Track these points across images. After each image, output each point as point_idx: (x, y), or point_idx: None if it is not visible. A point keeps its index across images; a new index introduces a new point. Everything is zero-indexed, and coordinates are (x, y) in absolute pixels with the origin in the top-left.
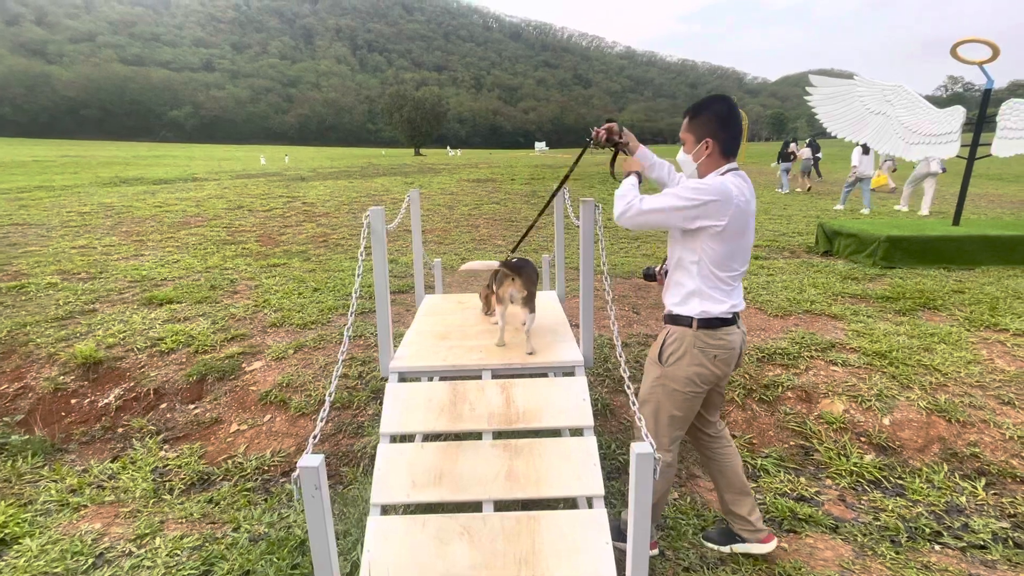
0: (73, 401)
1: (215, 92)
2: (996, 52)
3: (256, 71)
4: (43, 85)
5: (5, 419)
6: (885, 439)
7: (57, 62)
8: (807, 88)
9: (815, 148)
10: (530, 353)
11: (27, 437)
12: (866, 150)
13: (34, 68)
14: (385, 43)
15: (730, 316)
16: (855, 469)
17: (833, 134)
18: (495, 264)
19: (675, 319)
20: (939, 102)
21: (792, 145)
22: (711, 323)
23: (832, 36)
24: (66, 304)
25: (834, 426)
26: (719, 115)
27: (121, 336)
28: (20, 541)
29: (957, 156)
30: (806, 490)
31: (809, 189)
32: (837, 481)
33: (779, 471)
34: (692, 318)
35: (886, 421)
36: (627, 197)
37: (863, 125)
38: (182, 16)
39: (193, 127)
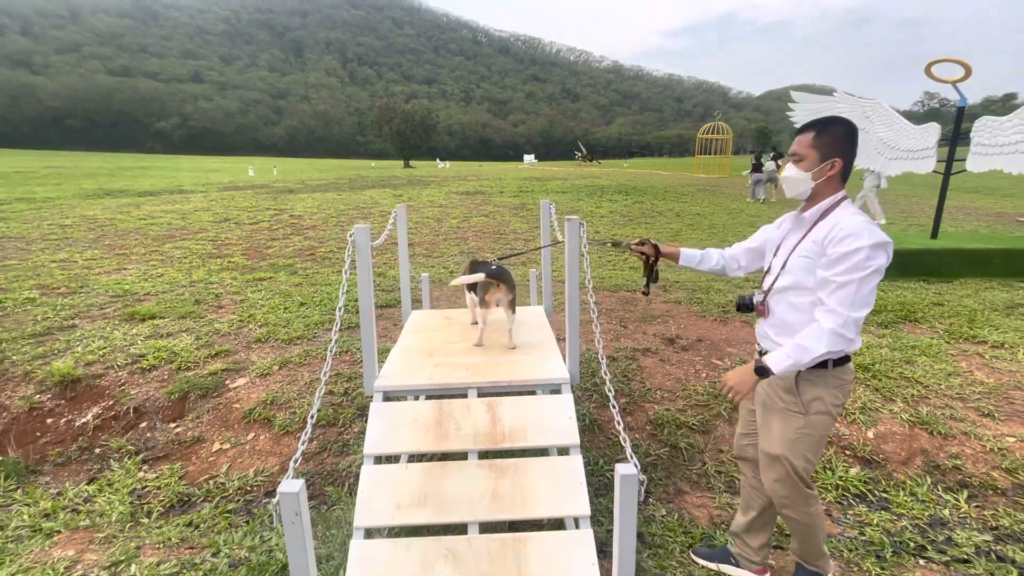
0: (49, 421)
1: (203, 103)
2: (968, 71)
3: (245, 83)
4: (27, 95)
5: None
6: (869, 452)
7: (42, 72)
8: (789, 104)
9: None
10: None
11: (0, 459)
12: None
13: (18, 78)
14: (375, 56)
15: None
16: (840, 483)
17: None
18: (481, 276)
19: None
20: (916, 117)
21: (763, 157)
22: (843, 360)
23: (813, 52)
24: (44, 320)
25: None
26: (849, 135)
27: (101, 353)
28: None
29: (933, 171)
30: None
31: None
32: (823, 495)
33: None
34: (828, 360)
35: (870, 434)
36: (813, 344)
37: None
38: (170, 28)
39: (180, 138)
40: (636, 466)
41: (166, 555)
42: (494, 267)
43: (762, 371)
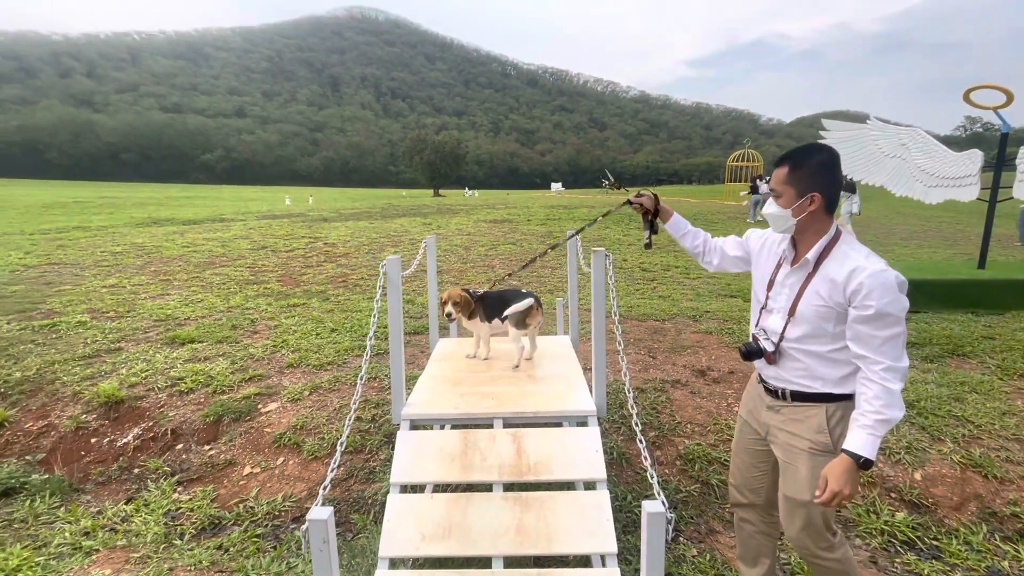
0: (93, 440)
1: (245, 136)
2: (1010, 97)
3: (285, 116)
4: (88, 132)
5: (27, 457)
6: (917, 495)
7: (103, 111)
8: (821, 132)
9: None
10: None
11: (47, 476)
12: (851, 188)
13: (81, 116)
14: (408, 90)
15: None
16: (886, 528)
17: (849, 177)
18: (531, 301)
19: (834, 397)
20: (958, 143)
21: (759, 181)
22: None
23: (845, 79)
24: (93, 343)
25: (862, 480)
26: (826, 165)
27: (143, 375)
28: None
29: (977, 199)
30: None
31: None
32: (867, 540)
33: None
34: (851, 394)
35: (917, 476)
36: (893, 399)
37: (878, 168)
38: (219, 67)
39: (224, 169)
40: (664, 503)
41: None
42: (525, 291)
43: (867, 463)
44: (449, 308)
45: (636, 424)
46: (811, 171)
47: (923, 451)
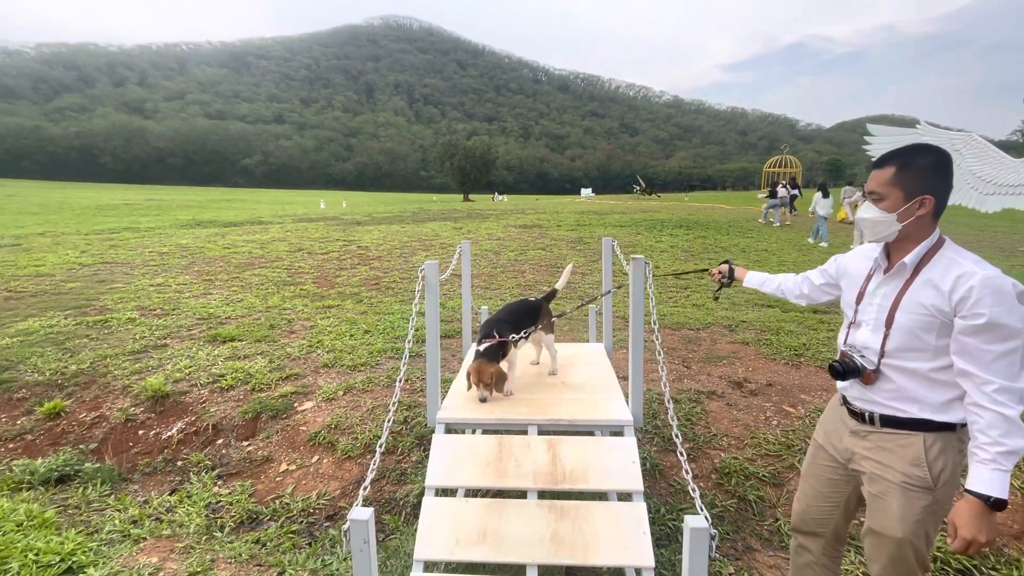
0: (140, 432)
1: (283, 142)
2: None
3: (321, 123)
4: (139, 137)
5: (81, 446)
6: None
7: (152, 117)
8: (865, 136)
9: (793, 186)
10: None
11: (98, 465)
12: (825, 193)
13: (133, 123)
14: (440, 96)
15: None
16: (939, 554)
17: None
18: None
19: (934, 425)
20: (1016, 147)
21: (779, 187)
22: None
23: (890, 82)
24: (142, 339)
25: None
26: (938, 166)
27: (187, 371)
28: (85, 570)
29: None
30: None
31: (788, 223)
32: None
33: (849, 550)
34: (955, 424)
35: None
36: (1003, 424)
37: None
38: (260, 75)
39: (262, 174)
40: (707, 519)
41: (237, 570)
42: (532, 299)
43: (1000, 504)
44: (483, 394)
45: (676, 435)
46: (922, 171)
47: None
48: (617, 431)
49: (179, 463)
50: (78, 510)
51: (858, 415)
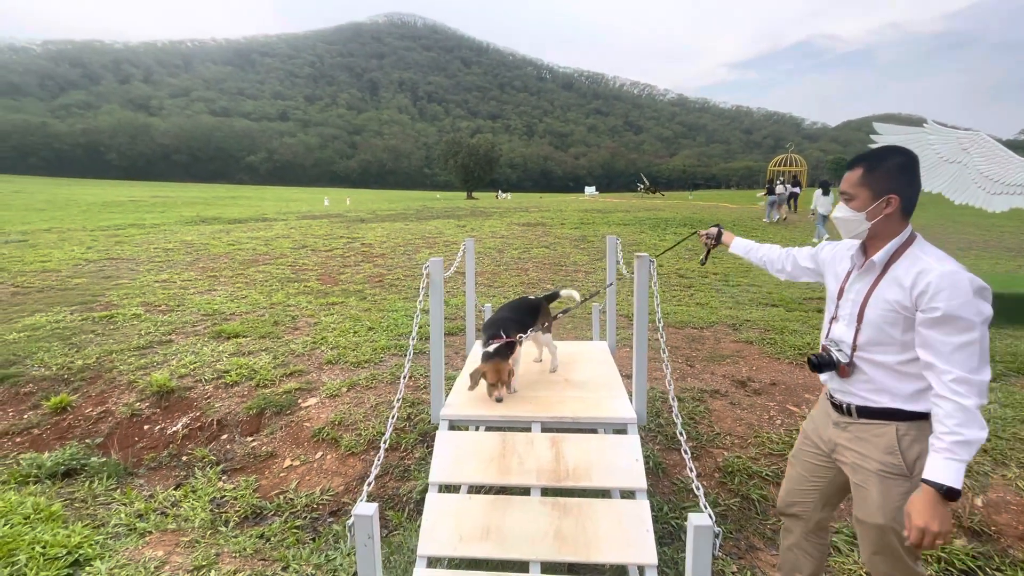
0: (146, 427)
1: (288, 139)
2: None
3: (325, 120)
4: (144, 134)
5: (87, 441)
6: (978, 523)
7: (157, 114)
8: (872, 136)
9: (795, 184)
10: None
11: (104, 460)
12: (825, 191)
13: (138, 120)
14: (444, 94)
15: None
16: (943, 555)
17: None
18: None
19: (906, 414)
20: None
21: (777, 184)
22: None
23: (897, 81)
24: (147, 335)
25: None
26: (905, 168)
27: (192, 367)
28: (91, 563)
29: None
30: None
31: (784, 219)
32: (923, 568)
33: (852, 550)
34: (926, 413)
35: (979, 502)
36: (969, 416)
37: (936, 174)
38: (264, 72)
39: (266, 170)
40: (711, 517)
41: (241, 565)
42: (532, 298)
43: (952, 493)
44: (500, 394)
45: (681, 433)
46: (888, 172)
47: (985, 476)
48: (621, 429)
49: (184, 458)
50: (84, 504)
51: (839, 407)
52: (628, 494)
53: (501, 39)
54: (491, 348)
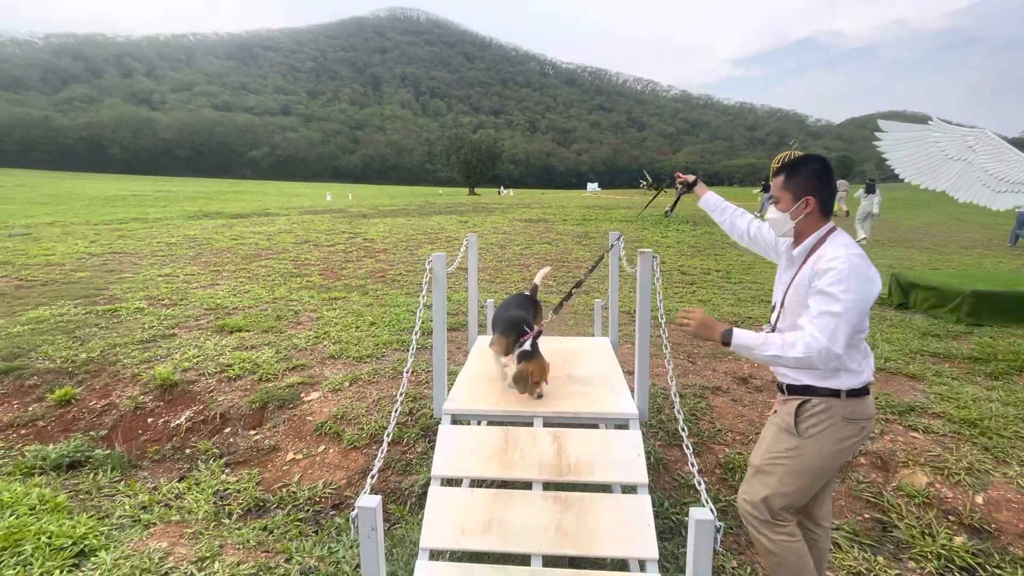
0: (149, 420)
1: (290, 134)
2: None
3: (327, 115)
4: (146, 129)
5: (91, 433)
6: (978, 520)
7: (160, 108)
8: (876, 133)
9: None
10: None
11: (108, 452)
12: (870, 190)
13: (140, 114)
14: (446, 89)
15: (870, 384)
16: (943, 552)
17: (906, 180)
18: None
19: (815, 390)
20: None
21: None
22: (859, 392)
23: (902, 78)
24: (150, 328)
25: (916, 500)
26: (818, 173)
27: (195, 361)
28: (97, 554)
29: None
30: (885, 572)
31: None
32: (922, 565)
33: (852, 546)
34: (840, 390)
35: (979, 499)
36: (793, 349)
37: (940, 172)
38: (267, 67)
39: (269, 165)
40: (712, 511)
41: (245, 556)
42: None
43: (727, 336)
44: (541, 390)
45: (683, 429)
46: (804, 178)
47: (986, 473)
48: (622, 424)
49: (187, 451)
50: (89, 495)
51: (780, 387)
52: (629, 489)
53: (504, 34)
54: (527, 346)
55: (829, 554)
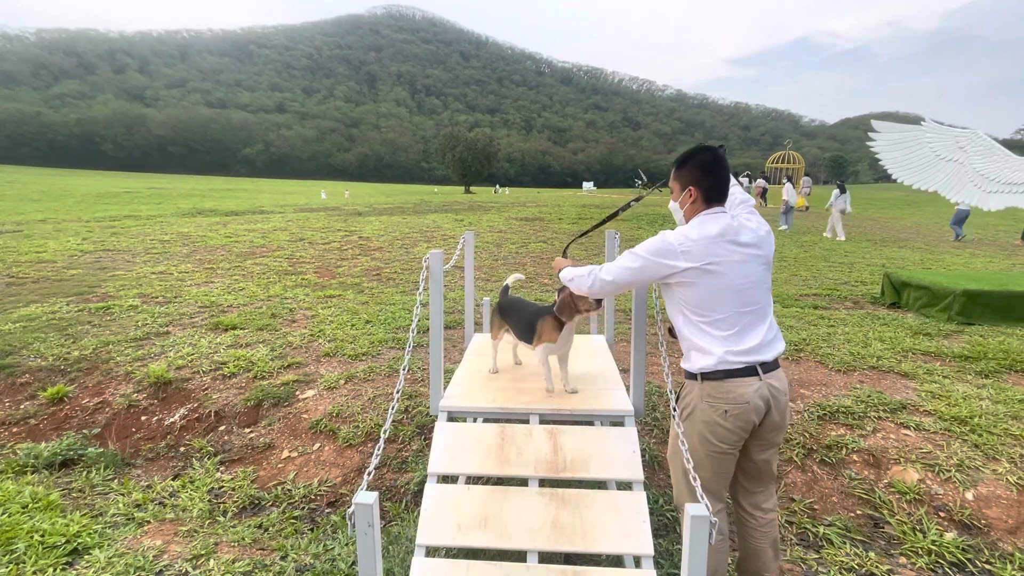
0: (143, 418)
1: (284, 131)
2: None
3: (323, 112)
4: (139, 125)
5: (84, 431)
6: (968, 516)
7: (153, 105)
8: (869, 133)
9: (767, 180)
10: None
11: (102, 450)
12: (842, 189)
13: (133, 110)
14: (442, 87)
15: (740, 366)
16: (934, 548)
17: (899, 180)
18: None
19: (687, 374)
20: (1021, 147)
21: (746, 180)
22: (714, 375)
23: (896, 79)
24: (144, 326)
25: (907, 496)
26: (702, 164)
27: (189, 358)
28: (90, 552)
29: None
30: (877, 567)
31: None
32: (913, 560)
33: (844, 542)
34: (696, 373)
35: (969, 495)
36: (582, 273)
37: (932, 172)
38: (262, 64)
39: (263, 163)
40: (707, 507)
41: (240, 554)
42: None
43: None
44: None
45: (678, 426)
46: (688, 170)
47: (976, 470)
48: (618, 421)
49: (182, 449)
50: (82, 493)
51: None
52: (625, 485)
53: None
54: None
55: (776, 538)
